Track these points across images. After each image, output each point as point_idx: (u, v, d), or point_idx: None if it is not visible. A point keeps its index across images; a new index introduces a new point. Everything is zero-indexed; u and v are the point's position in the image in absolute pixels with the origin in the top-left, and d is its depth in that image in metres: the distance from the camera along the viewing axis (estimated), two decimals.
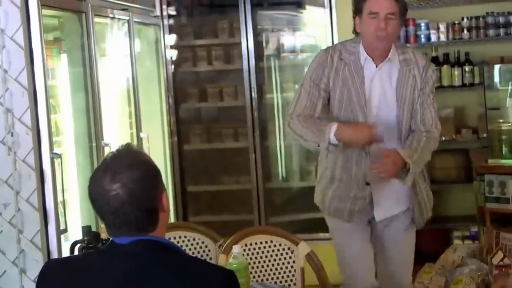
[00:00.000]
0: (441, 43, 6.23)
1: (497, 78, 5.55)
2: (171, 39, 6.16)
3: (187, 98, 6.27)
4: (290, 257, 3.54)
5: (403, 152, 3.48)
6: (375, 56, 3.58)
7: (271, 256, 3.56)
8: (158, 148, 5.74)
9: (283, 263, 3.55)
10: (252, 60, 5.96)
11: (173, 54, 6.20)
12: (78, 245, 3.33)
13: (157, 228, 2.12)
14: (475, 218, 5.74)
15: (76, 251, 3.31)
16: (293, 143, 5.93)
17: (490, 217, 5.31)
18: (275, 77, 6.23)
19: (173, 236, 3.68)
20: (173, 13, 6.20)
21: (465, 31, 6.18)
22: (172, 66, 6.16)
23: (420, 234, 3.91)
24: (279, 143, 6.25)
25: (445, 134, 5.85)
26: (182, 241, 3.70)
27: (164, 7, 6.06)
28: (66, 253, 3.69)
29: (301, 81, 3.70)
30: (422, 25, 6.23)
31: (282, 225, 5.28)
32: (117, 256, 2.10)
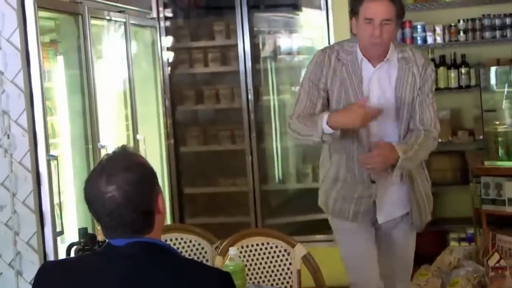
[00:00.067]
0: (438, 45, 6.24)
1: (493, 80, 5.56)
2: (168, 41, 6.16)
3: (184, 100, 6.27)
4: (287, 259, 3.54)
5: (398, 147, 3.43)
6: (372, 58, 3.54)
7: (268, 258, 3.55)
8: (155, 150, 5.74)
9: (280, 265, 3.55)
10: (249, 62, 5.95)
11: (170, 56, 6.19)
12: (75, 247, 3.33)
13: (153, 230, 2.12)
14: (472, 220, 5.75)
15: (73, 253, 3.31)
16: (295, 143, 5.91)
17: (486, 219, 5.32)
18: (272, 79, 6.22)
19: (170, 238, 3.68)
20: (170, 15, 6.20)
21: (462, 33, 6.19)
22: (169, 68, 6.15)
23: (416, 236, 3.89)
24: (276, 145, 6.24)
25: (442, 136, 5.82)
26: (179, 243, 3.70)
27: (161, 9, 6.05)
28: (63, 255, 3.68)
29: (300, 83, 3.67)
30: (419, 27, 6.24)
31: (279, 227, 5.27)
32: (113, 258, 2.10)
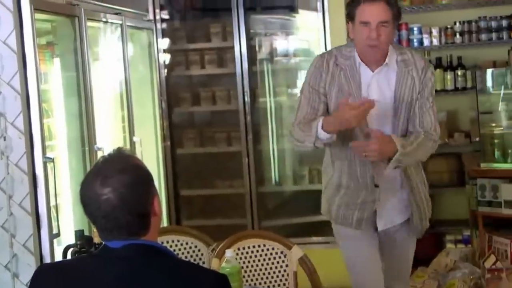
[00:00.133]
0: (434, 47, 6.24)
1: (490, 82, 5.56)
2: (164, 43, 6.15)
3: (180, 102, 6.26)
4: (283, 261, 3.54)
5: (397, 140, 3.38)
6: (370, 62, 3.49)
7: (264, 260, 3.55)
8: (151, 152, 5.74)
9: (276, 267, 3.55)
10: (245, 64, 5.95)
11: (166, 58, 6.19)
12: (71, 250, 3.33)
13: (149, 232, 2.12)
14: (468, 222, 5.75)
15: (69, 256, 3.31)
16: (295, 149, 5.90)
17: (483, 221, 5.32)
18: (268, 81, 6.22)
19: (166, 240, 3.68)
20: (166, 17, 6.20)
21: (458, 36, 6.20)
22: (165, 70, 6.15)
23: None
24: (272, 147, 6.24)
25: None
26: (175, 245, 3.71)
27: (157, 11, 6.05)
28: (59, 258, 3.69)
29: (300, 90, 3.62)
30: (415, 29, 6.24)
31: (275, 229, 5.26)
32: (110, 260, 2.10)
